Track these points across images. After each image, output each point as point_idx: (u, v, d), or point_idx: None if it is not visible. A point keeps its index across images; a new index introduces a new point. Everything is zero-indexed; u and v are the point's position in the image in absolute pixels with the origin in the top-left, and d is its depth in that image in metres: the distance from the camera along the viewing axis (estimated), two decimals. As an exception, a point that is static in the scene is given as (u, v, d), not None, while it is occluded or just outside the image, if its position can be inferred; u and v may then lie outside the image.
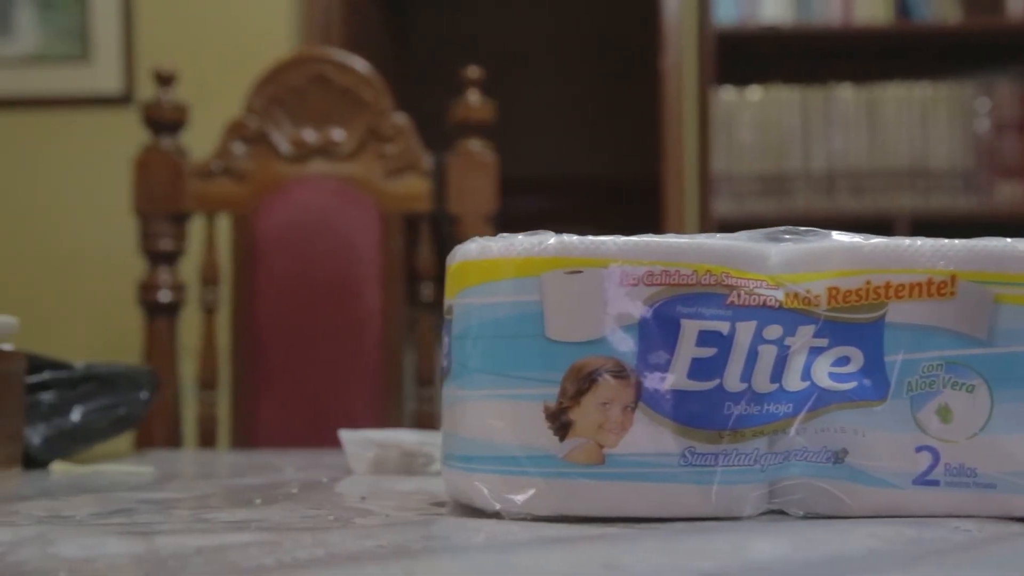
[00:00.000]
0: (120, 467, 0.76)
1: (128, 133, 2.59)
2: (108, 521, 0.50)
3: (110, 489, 0.64)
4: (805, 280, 0.51)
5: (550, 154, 3.76)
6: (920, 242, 0.51)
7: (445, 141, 1.49)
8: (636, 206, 3.26)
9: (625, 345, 0.50)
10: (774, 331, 0.51)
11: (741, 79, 2.53)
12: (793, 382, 0.51)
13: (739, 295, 0.50)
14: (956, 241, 0.51)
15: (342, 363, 1.49)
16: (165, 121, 1.50)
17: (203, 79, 2.42)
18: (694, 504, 0.50)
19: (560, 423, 0.50)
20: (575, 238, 0.51)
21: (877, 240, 0.51)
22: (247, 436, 1.47)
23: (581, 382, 0.50)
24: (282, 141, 1.51)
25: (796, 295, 0.51)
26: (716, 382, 0.50)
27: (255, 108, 1.52)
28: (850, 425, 0.50)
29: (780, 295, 0.51)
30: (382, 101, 1.51)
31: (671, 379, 0.50)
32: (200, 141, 1.59)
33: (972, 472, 0.50)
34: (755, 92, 2.52)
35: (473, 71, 1.51)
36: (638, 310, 0.50)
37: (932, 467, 0.50)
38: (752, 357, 0.50)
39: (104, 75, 2.69)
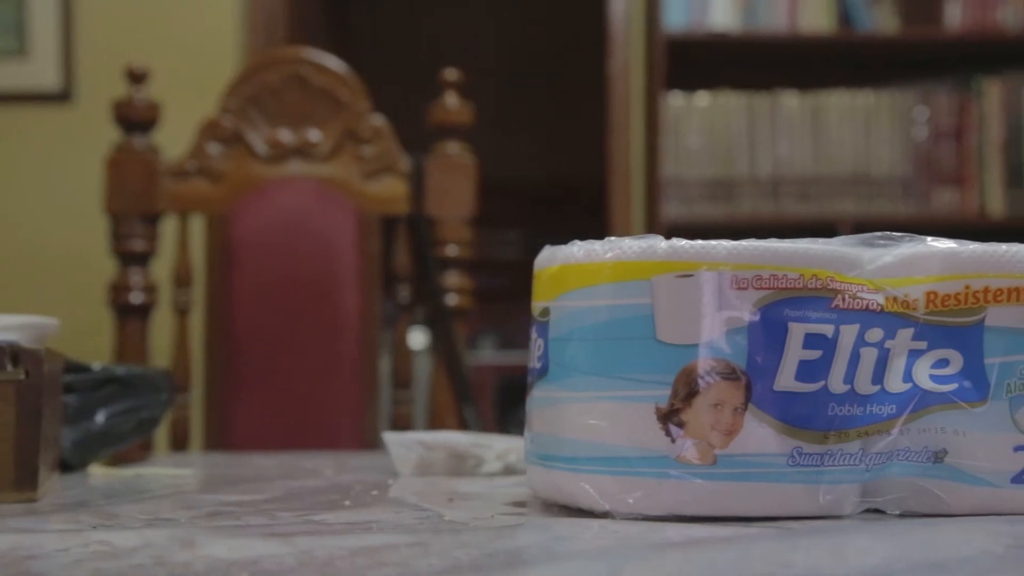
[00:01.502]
0: (160, 470, 0.74)
1: (69, 131, 2.54)
2: (214, 523, 0.50)
3: (172, 493, 0.64)
4: (903, 284, 0.53)
5: (496, 156, 3.76)
6: (1016, 248, 0.53)
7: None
8: (583, 209, 3.29)
9: (735, 347, 0.51)
10: (875, 334, 0.52)
11: (689, 85, 2.57)
12: (895, 384, 0.52)
13: (843, 299, 0.52)
14: (1051, 247, 0.53)
15: (320, 365, 1.48)
16: (137, 119, 1.47)
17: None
18: (801, 504, 0.51)
19: (672, 424, 0.51)
20: (685, 242, 0.52)
21: (975, 246, 0.53)
22: (222, 439, 1.46)
23: (693, 384, 0.51)
24: (258, 141, 1.50)
25: (895, 299, 0.52)
26: (821, 384, 0.51)
27: (230, 108, 1.50)
28: (951, 426, 0.52)
29: (881, 299, 0.52)
30: (359, 102, 1.50)
31: (779, 381, 0.51)
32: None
33: (1067, 471, 0.52)
34: (703, 98, 2.56)
35: (451, 73, 1.51)
36: (747, 313, 0.51)
37: (1029, 466, 0.52)
38: (855, 359, 0.52)
39: (42, 71, 2.63)
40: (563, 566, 0.39)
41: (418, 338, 2.68)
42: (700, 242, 0.52)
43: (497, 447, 0.74)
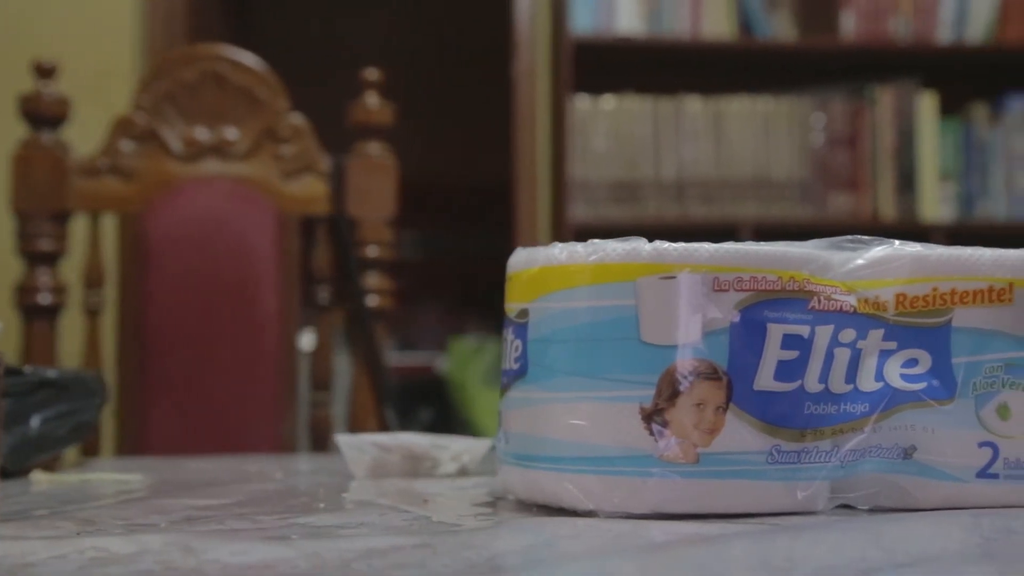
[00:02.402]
0: (105, 476, 0.73)
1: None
2: (198, 528, 0.49)
3: (131, 498, 0.62)
4: (874, 287, 0.54)
5: (401, 157, 3.73)
6: (981, 252, 0.55)
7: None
8: (488, 210, 3.29)
9: (717, 348, 0.52)
10: (848, 335, 0.54)
11: (595, 88, 2.59)
12: (868, 383, 0.54)
13: (819, 300, 0.53)
14: (1013, 251, 0.55)
15: (237, 367, 1.46)
16: (45, 115, 1.43)
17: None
18: (780, 500, 0.53)
19: (656, 423, 0.52)
20: (669, 244, 0.53)
21: (942, 249, 0.55)
22: (137, 443, 1.43)
23: (676, 384, 0.52)
24: (174, 139, 1.47)
25: (867, 300, 0.54)
26: (798, 383, 0.53)
27: (144, 105, 1.47)
28: (920, 423, 0.54)
29: (853, 301, 0.54)
30: (278, 101, 1.49)
31: (759, 381, 0.52)
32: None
33: (1028, 465, 0.54)
34: (609, 101, 2.59)
35: (372, 73, 1.51)
36: (729, 314, 0.52)
37: (992, 461, 0.54)
38: (829, 359, 0.53)
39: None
40: (582, 565, 0.39)
41: (308, 339, 2.66)
42: (683, 245, 0.53)
43: (452, 448, 0.74)
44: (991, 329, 0.54)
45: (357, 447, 0.74)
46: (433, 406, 3.11)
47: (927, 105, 2.68)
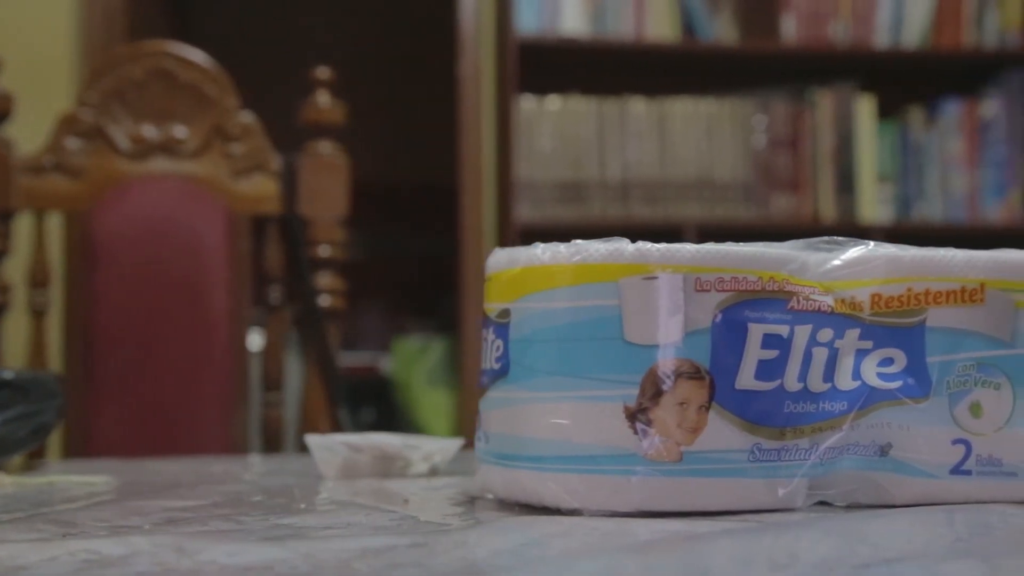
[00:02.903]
0: (70, 478, 0.72)
1: None
2: (183, 529, 0.49)
3: (103, 500, 0.62)
4: (850, 287, 0.55)
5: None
6: (953, 253, 0.56)
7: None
8: (432, 211, 3.29)
9: (699, 348, 0.53)
10: (826, 334, 0.55)
11: (541, 88, 2.60)
12: (845, 381, 0.55)
13: (798, 300, 0.54)
14: (983, 252, 0.56)
15: (188, 367, 1.44)
16: (-11, 111, 1.41)
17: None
18: (761, 497, 0.53)
19: (640, 422, 0.52)
20: (651, 245, 0.53)
21: (915, 250, 0.56)
22: (84, 444, 1.41)
23: (660, 383, 0.52)
24: (121, 137, 1.45)
25: (843, 301, 0.55)
26: (778, 382, 0.54)
27: (90, 102, 1.45)
28: (896, 421, 0.55)
29: (831, 301, 0.55)
30: (227, 99, 1.47)
31: (740, 380, 0.53)
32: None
33: (999, 462, 0.55)
34: (554, 102, 2.60)
35: (323, 72, 1.50)
36: (710, 314, 0.53)
37: (965, 458, 0.55)
38: (808, 358, 0.54)
39: None
40: (582, 562, 0.40)
41: (256, 340, 2.64)
42: (665, 245, 0.53)
43: (424, 448, 0.74)
44: (964, 329, 0.55)
45: (327, 447, 0.74)
46: (376, 406, 3.09)
47: (865, 108, 2.73)
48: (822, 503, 0.56)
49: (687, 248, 0.53)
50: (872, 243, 0.56)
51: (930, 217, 2.74)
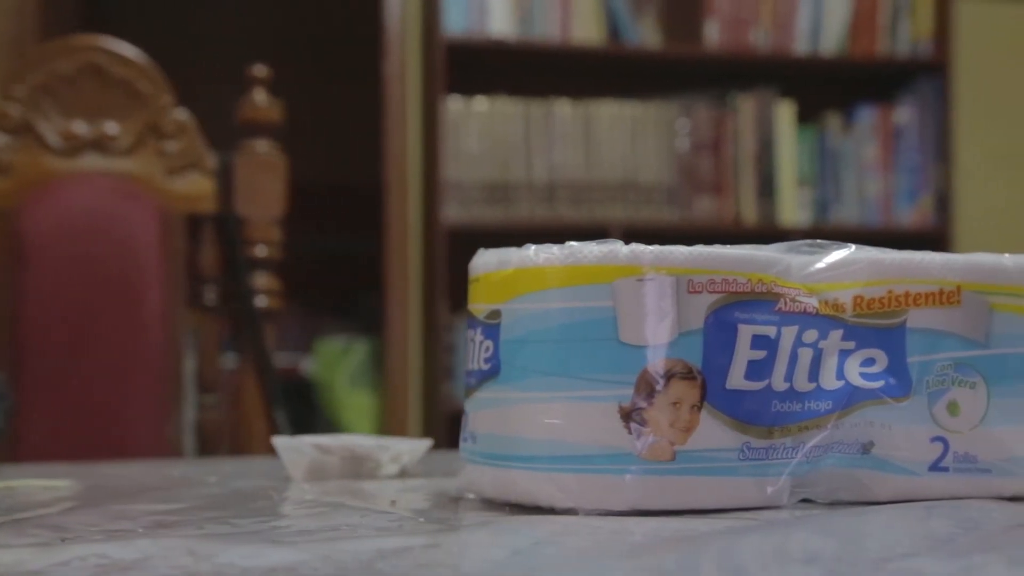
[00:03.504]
0: (30, 482, 0.70)
1: None
2: (181, 532, 0.48)
3: (82, 504, 0.60)
4: (833, 289, 0.57)
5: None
6: (931, 256, 0.58)
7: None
8: (355, 211, 3.26)
9: (691, 348, 0.53)
10: (811, 335, 0.56)
11: (468, 89, 2.60)
12: (829, 381, 0.56)
13: (785, 302, 0.55)
14: (959, 255, 0.58)
15: (120, 368, 1.42)
16: (-87, 107, 1.37)
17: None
18: (751, 496, 0.54)
19: (634, 422, 0.53)
20: (645, 247, 0.54)
21: (896, 254, 0.58)
22: (12, 448, 1.37)
23: (654, 383, 0.53)
24: (51, 133, 1.42)
25: (827, 302, 0.56)
26: (766, 382, 0.55)
27: (17, 97, 1.42)
28: (878, 419, 0.56)
29: (815, 302, 0.56)
30: (161, 96, 1.45)
31: (730, 380, 0.54)
32: None
33: (974, 459, 0.57)
34: (481, 103, 2.60)
35: (260, 70, 1.48)
36: (702, 315, 0.54)
37: (943, 455, 0.57)
38: (794, 359, 0.55)
39: None
40: (608, 559, 0.40)
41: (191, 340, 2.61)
42: (658, 247, 0.54)
43: (393, 449, 0.74)
44: (942, 330, 0.57)
45: (294, 449, 0.73)
46: (296, 408, 3.06)
47: (785, 114, 2.78)
48: (805, 500, 0.57)
49: (680, 250, 0.54)
50: (854, 246, 0.58)
51: (847, 221, 2.80)
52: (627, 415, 0.53)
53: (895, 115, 2.85)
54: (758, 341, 0.54)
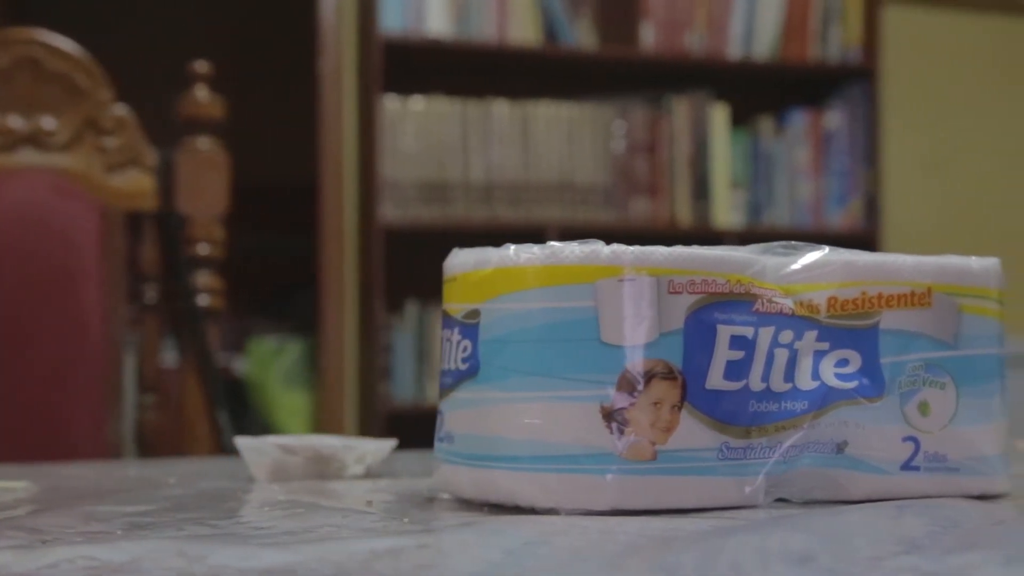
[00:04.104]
0: (-14, 483, 0.68)
1: None
2: (164, 534, 0.47)
3: (47, 507, 0.59)
4: (808, 290, 0.57)
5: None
6: (903, 258, 0.59)
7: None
8: (286, 209, 3.23)
9: (672, 348, 0.54)
10: (787, 336, 0.56)
11: (404, 88, 2.59)
12: (805, 381, 0.57)
13: (762, 303, 0.56)
14: (930, 258, 0.59)
15: (57, 368, 1.39)
16: None
17: None
18: (729, 495, 0.55)
19: (616, 422, 0.53)
20: (626, 247, 0.54)
21: (869, 256, 0.58)
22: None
23: (635, 383, 0.53)
24: (-15, 127, 1.39)
25: (802, 303, 0.57)
26: (744, 382, 0.55)
27: (-50, 89, 1.39)
28: (852, 419, 0.57)
29: (791, 303, 0.57)
30: (100, 91, 1.43)
31: (710, 380, 0.54)
32: None
33: (944, 458, 0.58)
34: (418, 102, 2.59)
35: (201, 65, 1.47)
36: (683, 316, 0.54)
37: (914, 455, 0.58)
38: (770, 359, 0.56)
39: None
40: (604, 556, 0.40)
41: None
42: (639, 248, 0.54)
43: (358, 450, 0.73)
44: (914, 331, 0.58)
45: (256, 449, 0.72)
46: (229, 408, 3.03)
47: (719, 116, 2.81)
48: (780, 500, 0.57)
49: (660, 251, 0.54)
50: (827, 248, 0.59)
51: (779, 223, 2.83)
52: (609, 415, 0.53)
53: (826, 120, 2.90)
54: (736, 341, 0.55)
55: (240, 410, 2.86)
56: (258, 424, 2.81)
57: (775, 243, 0.59)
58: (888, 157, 2.96)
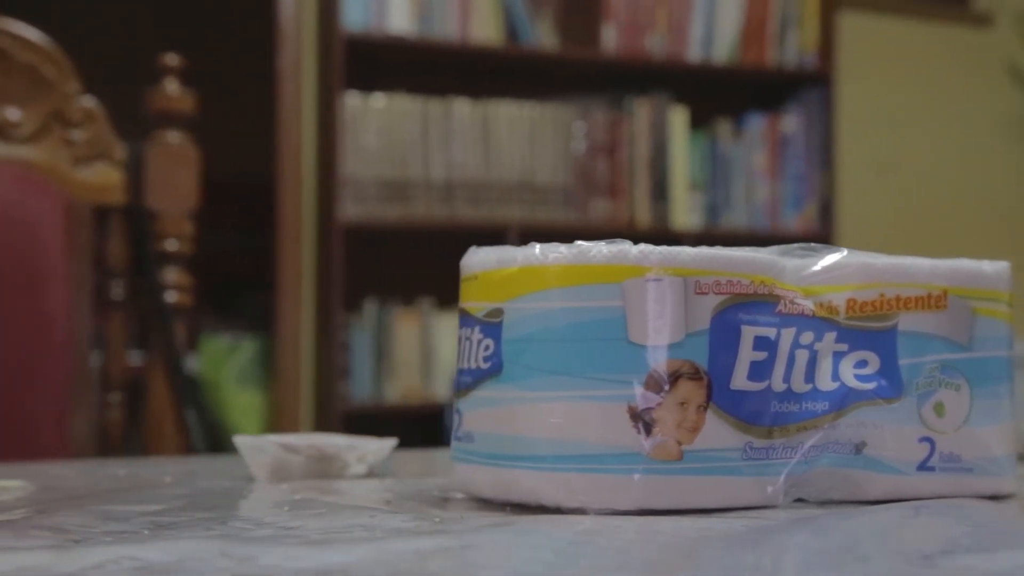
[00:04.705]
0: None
1: None
2: (191, 534, 0.46)
3: (53, 507, 0.58)
4: (827, 292, 0.58)
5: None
6: (920, 261, 0.59)
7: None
8: (237, 206, 3.20)
9: (698, 349, 0.54)
10: (808, 337, 0.57)
11: (366, 85, 2.58)
12: (825, 382, 0.57)
13: (785, 304, 0.56)
14: (945, 261, 0.60)
15: (22, 365, 1.36)
16: None
17: None
18: (752, 495, 0.55)
19: (643, 422, 0.53)
20: (654, 248, 0.54)
21: (886, 258, 0.59)
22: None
23: (662, 383, 0.53)
24: (-50, 118, 1.36)
25: (822, 305, 0.57)
26: (766, 383, 0.55)
27: (-88, 78, 1.35)
28: (870, 420, 0.57)
29: (811, 304, 0.57)
30: (68, 82, 1.40)
31: (734, 380, 0.54)
32: None
33: (958, 459, 0.59)
34: (379, 99, 2.58)
35: (171, 58, 1.45)
36: (708, 316, 0.54)
37: (930, 455, 0.58)
38: (791, 360, 0.56)
39: None
40: (649, 555, 0.40)
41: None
42: (666, 248, 0.54)
43: (359, 449, 0.73)
44: (930, 333, 0.58)
45: (257, 448, 0.71)
46: (196, 406, 2.99)
47: (678, 119, 2.82)
48: (798, 500, 0.58)
49: (687, 251, 0.54)
50: (846, 250, 0.59)
51: (736, 225, 2.86)
52: (636, 415, 0.53)
53: (782, 124, 2.93)
54: (760, 342, 0.55)
55: (201, 409, 2.83)
56: (208, 422, 2.78)
57: (795, 245, 0.59)
58: (843, 161, 3.00)
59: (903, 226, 3.11)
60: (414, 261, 2.65)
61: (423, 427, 2.53)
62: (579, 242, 0.54)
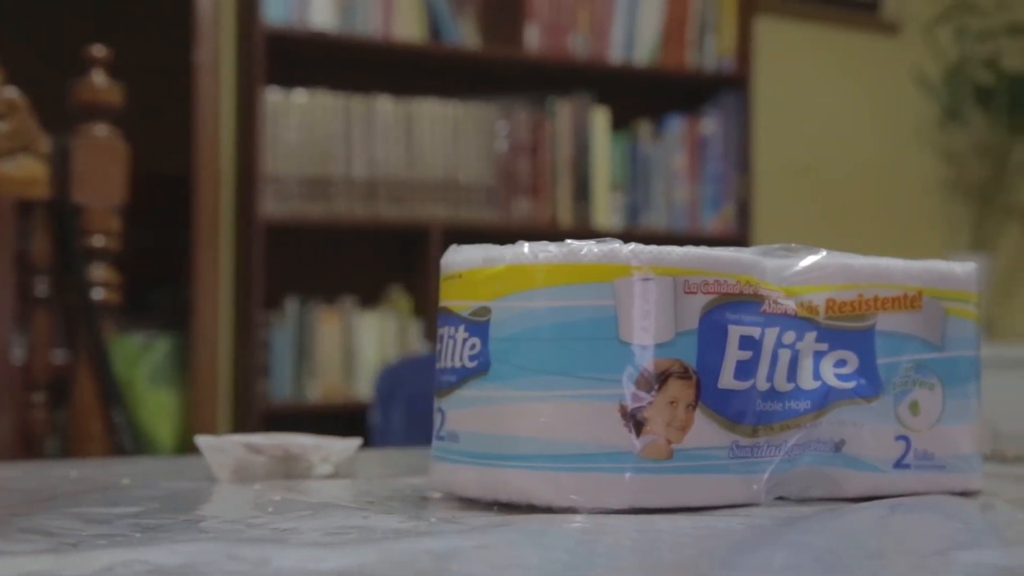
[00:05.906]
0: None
1: None
2: (185, 537, 0.45)
3: (34, 510, 0.56)
4: (808, 292, 0.58)
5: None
6: (894, 262, 0.60)
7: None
8: (148, 202, 3.14)
9: (687, 348, 0.54)
10: (790, 336, 0.57)
11: (287, 81, 2.55)
12: (807, 382, 0.58)
13: (769, 304, 0.57)
14: (919, 262, 0.61)
15: (-57, 363, 1.32)
16: None
17: None
18: (739, 493, 0.55)
19: (634, 421, 0.53)
20: (645, 247, 0.54)
21: (864, 259, 0.60)
22: None
23: (652, 382, 0.53)
24: None
25: (803, 305, 0.58)
26: (751, 382, 0.56)
27: None
28: (849, 418, 0.58)
29: (793, 305, 0.58)
30: (-10, 73, 1.36)
31: (722, 379, 0.55)
32: None
33: (931, 456, 0.60)
34: (301, 95, 2.55)
35: (99, 50, 1.41)
36: (697, 316, 0.54)
37: (906, 453, 0.59)
38: (774, 360, 0.57)
39: None
40: (663, 554, 0.40)
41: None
42: (657, 248, 0.54)
43: (324, 449, 0.71)
44: (906, 333, 0.59)
45: (218, 448, 0.70)
46: (123, 406, 2.92)
47: (600, 120, 2.84)
48: (779, 498, 0.58)
49: (676, 251, 0.55)
50: (825, 251, 0.60)
51: (656, 226, 2.88)
52: (627, 414, 0.53)
53: (701, 126, 2.96)
54: (745, 342, 0.56)
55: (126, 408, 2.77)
56: (120, 422, 2.72)
57: (775, 245, 0.60)
58: (759, 163, 3.04)
59: (819, 228, 3.17)
60: (336, 259, 2.63)
61: (344, 426, 2.51)
62: (569, 241, 0.54)
